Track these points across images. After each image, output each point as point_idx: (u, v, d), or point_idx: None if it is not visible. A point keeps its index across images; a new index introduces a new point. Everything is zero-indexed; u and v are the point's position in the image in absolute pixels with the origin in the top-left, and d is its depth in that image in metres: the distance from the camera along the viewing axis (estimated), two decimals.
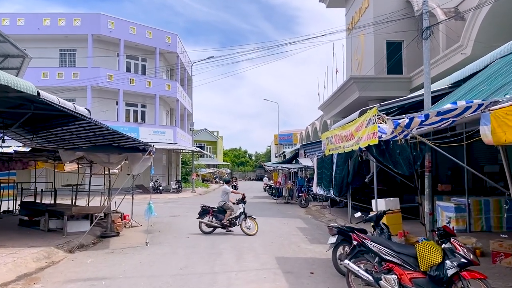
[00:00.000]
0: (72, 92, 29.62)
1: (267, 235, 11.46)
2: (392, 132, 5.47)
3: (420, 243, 5.29)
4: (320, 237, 11.21)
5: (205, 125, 73.80)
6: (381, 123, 5.40)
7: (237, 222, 11.87)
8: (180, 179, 40.16)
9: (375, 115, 5.35)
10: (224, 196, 12.61)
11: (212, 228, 11.90)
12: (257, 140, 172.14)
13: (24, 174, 20.91)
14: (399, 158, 8.74)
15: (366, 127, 5.67)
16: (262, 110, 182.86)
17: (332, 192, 14.91)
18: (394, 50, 20.48)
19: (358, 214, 8.18)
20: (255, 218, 11.97)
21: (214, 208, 12.31)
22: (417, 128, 5.58)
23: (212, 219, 12.12)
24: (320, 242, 10.37)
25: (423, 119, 5.19)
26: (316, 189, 18.52)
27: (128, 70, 32.88)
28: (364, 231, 7.27)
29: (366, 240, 5.84)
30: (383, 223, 7.67)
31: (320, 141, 26.76)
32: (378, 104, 11.26)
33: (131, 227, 13.30)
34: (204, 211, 12.18)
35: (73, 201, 14.62)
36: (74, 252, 9.22)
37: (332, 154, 15.23)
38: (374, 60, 20.43)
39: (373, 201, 11.46)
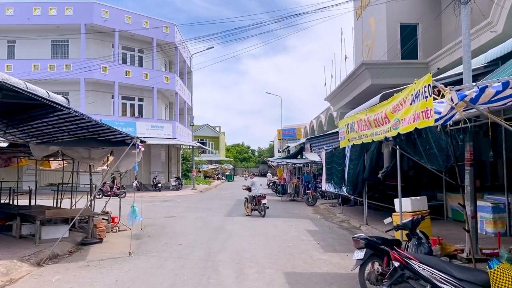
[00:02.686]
0: (65, 85, 28.13)
1: (272, 241, 9.88)
2: (450, 110, 3.85)
3: (495, 268, 3.68)
4: (335, 243, 9.63)
5: (207, 121, 72.15)
6: (436, 97, 3.79)
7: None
8: (180, 175, 38.64)
9: (428, 85, 3.73)
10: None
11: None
12: (259, 136, 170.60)
13: (11, 172, 19.36)
14: (435, 149, 7.13)
15: (412, 104, 4.07)
16: (264, 106, 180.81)
17: (344, 190, 13.30)
18: (408, 34, 18.84)
19: (389, 220, 6.58)
20: None
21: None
22: (484, 104, 3.97)
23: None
24: (336, 250, 8.79)
25: (500, 89, 3.59)
26: (325, 186, 16.93)
27: (124, 62, 31.28)
28: (397, 243, 5.70)
29: (413, 261, 4.25)
30: (421, 231, 6.08)
31: (328, 133, 25.10)
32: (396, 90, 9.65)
33: (119, 230, 11.76)
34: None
35: (56, 202, 13.10)
36: (43, 265, 7.68)
37: (345, 148, 13.64)
38: (387, 45, 18.76)
39: (396, 201, 9.85)
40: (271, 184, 32.56)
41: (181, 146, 37.95)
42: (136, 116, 30.83)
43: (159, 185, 29.70)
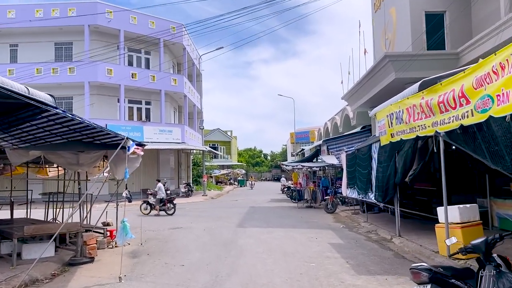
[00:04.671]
0: (70, 89, 27.04)
1: (292, 259, 8.34)
2: None
3: None
4: (367, 261, 8.04)
5: (218, 126, 70.77)
6: None
7: None
8: (191, 181, 37.26)
9: None
10: None
11: None
12: (272, 140, 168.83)
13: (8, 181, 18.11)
14: (501, 145, 5.53)
15: None
16: (276, 109, 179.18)
17: (372, 196, 11.69)
18: (434, 24, 17.23)
19: (453, 240, 4.95)
20: None
21: None
22: None
23: None
24: (370, 272, 7.20)
25: None
26: (347, 192, 15.34)
27: (130, 64, 30.10)
28: (470, 273, 4.13)
29: None
30: (499, 256, 4.49)
31: (347, 134, 23.48)
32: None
33: (116, 246, 10.31)
34: None
35: (46, 214, 11.78)
36: None
37: (371, 148, 12.05)
38: (411, 36, 17.13)
39: (439, 210, 8.26)
40: (285, 189, 30.97)
41: (191, 151, 36.61)
42: (143, 121, 29.57)
43: (168, 192, 28.28)
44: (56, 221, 12.45)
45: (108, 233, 11.30)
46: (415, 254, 8.65)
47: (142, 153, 10.26)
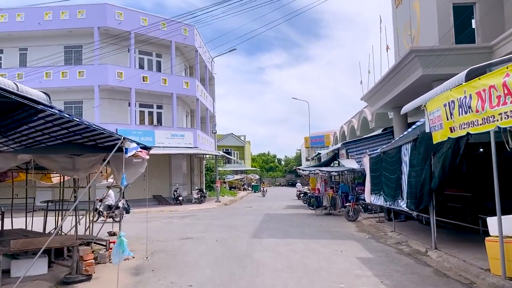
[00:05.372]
0: (79, 93, 26.37)
1: (317, 279, 7.21)
2: None
3: None
4: (405, 281, 6.88)
5: (232, 131, 69.83)
6: None
7: None
8: (204, 187, 36.34)
9: None
10: None
11: None
12: (285, 145, 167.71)
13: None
14: None
15: None
16: (289, 114, 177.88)
17: (402, 204, 10.49)
18: (462, 16, 16.03)
19: None
20: None
21: None
22: None
23: None
24: None
25: None
26: (371, 198, 14.14)
27: (141, 67, 29.36)
28: None
29: None
30: None
31: (370, 136, 22.18)
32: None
33: None
34: None
35: (44, 225, 10.87)
36: None
37: (400, 150, 10.87)
38: (438, 30, 15.94)
39: (490, 220, 7.07)
40: (301, 195, 29.77)
41: (204, 155, 35.70)
42: (154, 125, 28.74)
43: (180, 198, 27.43)
44: (61, 233, 11.56)
45: (112, 245, 10.33)
46: (459, 272, 7.43)
47: (147, 157, 9.30)
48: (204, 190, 33.44)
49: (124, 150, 6.85)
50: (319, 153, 39.65)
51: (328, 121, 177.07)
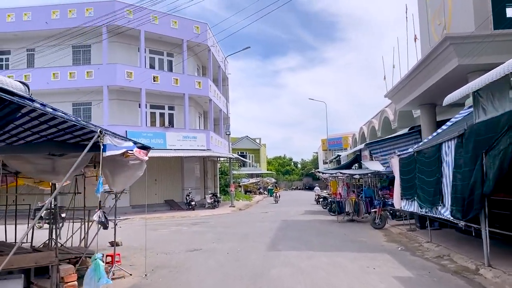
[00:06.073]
0: (88, 94, 25.33)
1: None
2: None
3: None
4: None
5: (246, 135, 68.40)
6: None
7: None
8: (218, 191, 35.06)
9: None
10: None
11: None
12: (301, 148, 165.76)
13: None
14: None
15: None
16: (304, 117, 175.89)
17: (444, 212, 8.92)
18: (500, 2, 14.38)
19: None
20: None
21: None
22: None
23: None
24: None
25: None
26: (401, 204, 12.58)
27: (152, 67, 28.26)
28: None
29: None
30: None
31: (398, 135, 20.46)
32: None
33: (113, 278, 7.97)
34: None
35: (31, 234, 9.63)
36: None
37: (440, 149, 9.33)
38: (473, 16, 14.30)
39: None
40: (320, 199, 28.18)
41: (218, 158, 34.43)
42: (166, 126, 27.57)
43: (193, 203, 26.16)
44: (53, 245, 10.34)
45: (109, 259, 9.06)
46: None
47: (145, 158, 8.00)
48: (218, 194, 32.15)
49: (102, 147, 5.50)
50: (338, 155, 37.97)
51: (344, 124, 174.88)
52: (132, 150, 6.61)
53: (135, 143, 7.99)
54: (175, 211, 25.40)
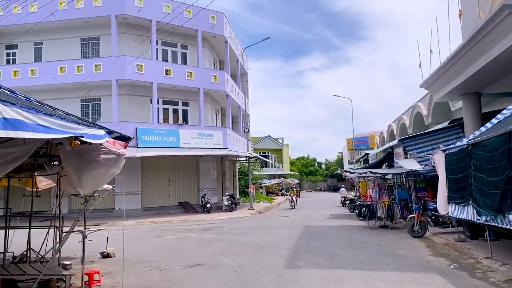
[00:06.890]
0: (96, 89, 23.83)
1: None
2: None
3: None
4: None
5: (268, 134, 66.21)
6: None
7: None
8: (237, 193, 33.13)
9: None
10: None
11: None
12: (324, 148, 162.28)
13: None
14: None
15: None
16: (328, 118, 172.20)
17: None
18: None
19: None
20: None
21: None
22: None
23: None
24: None
25: None
26: (449, 209, 10.28)
27: (165, 60, 26.58)
28: None
29: None
30: None
31: (427, 132, 18.08)
32: None
33: None
34: None
35: (5, 243, 7.89)
36: None
37: (511, 139, 7.09)
38: None
39: None
40: (346, 202, 25.87)
41: (237, 158, 32.50)
42: (179, 123, 25.78)
43: (208, 205, 24.28)
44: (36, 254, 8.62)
45: (87, 278, 7.23)
46: None
47: (123, 151, 6.07)
48: (236, 196, 30.21)
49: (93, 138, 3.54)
50: (366, 154, 35.47)
51: (369, 124, 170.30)
52: (114, 141, 4.67)
53: (110, 132, 6.10)
54: (189, 214, 23.59)
